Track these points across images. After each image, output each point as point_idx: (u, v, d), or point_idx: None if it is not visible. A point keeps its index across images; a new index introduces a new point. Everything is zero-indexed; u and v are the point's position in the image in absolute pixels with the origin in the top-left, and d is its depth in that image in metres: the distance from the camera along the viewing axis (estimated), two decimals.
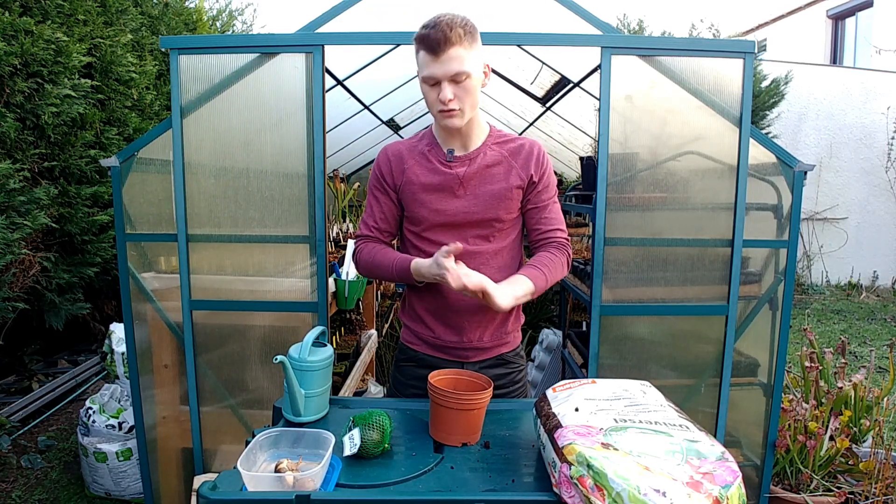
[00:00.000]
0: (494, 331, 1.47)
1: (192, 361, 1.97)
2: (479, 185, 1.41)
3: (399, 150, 1.46)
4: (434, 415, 1.16)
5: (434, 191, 1.41)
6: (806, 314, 5.68)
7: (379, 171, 1.47)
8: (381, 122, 4.59)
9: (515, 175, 1.41)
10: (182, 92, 1.86)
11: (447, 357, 1.47)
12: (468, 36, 1.27)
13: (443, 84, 1.28)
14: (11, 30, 2.50)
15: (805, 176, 1.96)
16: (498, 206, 1.41)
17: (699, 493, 0.79)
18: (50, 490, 2.63)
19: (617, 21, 6.56)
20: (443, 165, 1.41)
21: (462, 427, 1.14)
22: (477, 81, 1.33)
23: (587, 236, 4.12)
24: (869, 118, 7.20)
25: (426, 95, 1.34)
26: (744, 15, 11.65)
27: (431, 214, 1.42)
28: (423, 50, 1.27)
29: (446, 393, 1.13)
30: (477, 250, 1.42)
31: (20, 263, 2.70)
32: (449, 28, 1.24)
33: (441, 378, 1.23)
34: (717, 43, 1.95)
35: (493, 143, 1.44)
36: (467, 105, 1.32)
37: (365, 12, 1.93)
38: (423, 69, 1.30)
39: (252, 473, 0.94)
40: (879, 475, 2.07)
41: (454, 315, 1.44)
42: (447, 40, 1.24)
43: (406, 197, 1.44)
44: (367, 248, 1.48)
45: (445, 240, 1.41)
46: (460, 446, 1.14)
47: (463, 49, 1.26)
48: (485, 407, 1.16)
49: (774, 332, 2.06)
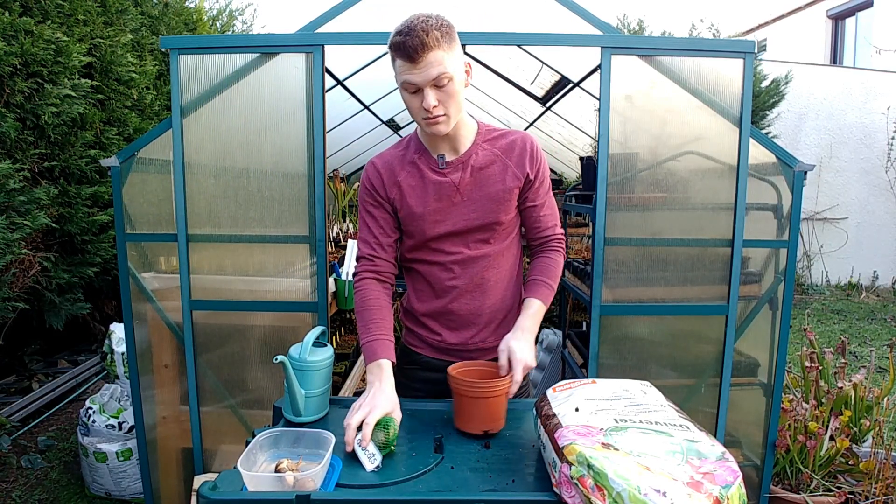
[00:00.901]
0: (498, 331, 1.45)
1: (192, 361, 1.97)
2: (476, 190, 1.37)
3: (388, 162, 1.40)
4: (456, 405, 1.20)
5: (431, 202, 1.37)
6: (806, 314, 5.68)
7: (370, 184, 1.41)
8: (381, 122, 4.60)
9: (511, 175, 1.37)
10: (182, 92, 1.86)
11: (452, 359, 1.44)
12: (446, 38, 1.19)
13: (425, 91, 1.21)
14: (11, 30, 2.50)
15: (805, 176, 1.96)
16: (498, 210, 1.38)
17: (699, 493, 0.79)
18: (50, 490, 2.63)
19: (617, 21, 6.56)
20: (435, 173, 1.37)
21: (483, 414, 1.17)
22: (460, 84, 1.26)
23: (587, 236, 4.12)
24: (869, 118, 7.19)
25: (408, 103, 1.27)
26: (744, 15, 11.65)
27: (431, 227, 1.38)
28: (400, 58, 1.20)
29: (466, 381, 1.16)
30: (481, 254, 1.40)
31: (20, 263, 2.70)
32: (425, 33, 1.16)
33: (462, 370, 1.26)
34: (717, 43, 1.95)
35: (484, 141, 1.39)
36: (452, 109, 1.26)
37: (365, 12, 1.93)
38: (401, 76, 1.22)
39: (252, 473, 0.94)
40: (879, 475, 2.07)
41: (458, 318, 1.43)
42: (424, 46, 1.16)
43: (403, 212, 1.40)
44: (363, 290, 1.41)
45: (448, 248, 1.40)
46: (482, 433, 1.17)
47: (442, 52, 1.18)
48: (505, 394, 1.19)
49: (774, 332, 2.06)
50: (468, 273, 1.40)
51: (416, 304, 1.48)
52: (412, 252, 1.44)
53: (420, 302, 1.47)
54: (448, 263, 1.40)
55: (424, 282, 1.45)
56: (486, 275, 1.41)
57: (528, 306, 1.39)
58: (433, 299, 1.44)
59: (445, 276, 1.41)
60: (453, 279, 1.41)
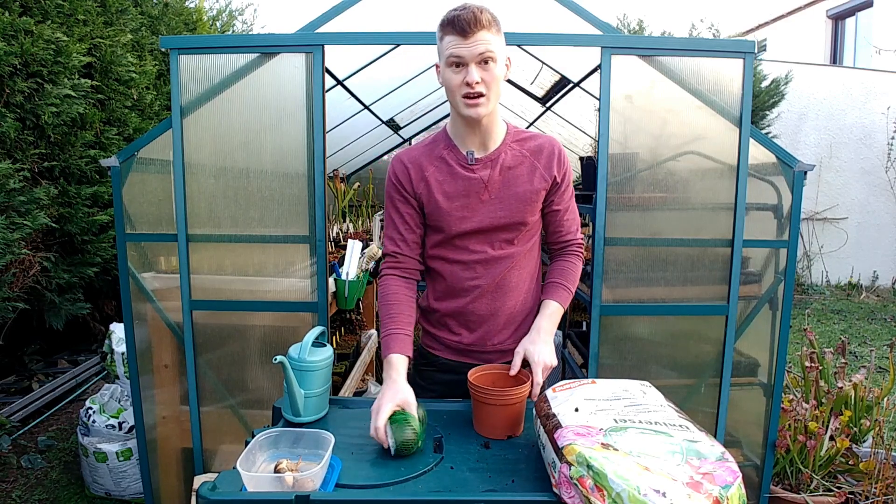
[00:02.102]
0: (517, 334, 1.46)
1: (192, 361, 1.97)
2: (504, 189, 1.38)
3: (416, 157, 1.41)
4: (477, 412, 1.21)
5: (458, 198, 1.38)
6: (806, 314, 5.68)
7: (396, 179, 1.42)
8: (381, 122, 4.59)
9: (539, 177, 1.39)
10: (182, 92, 1.86)
11: (470, 361, 1.45)
12: (496, 23, 1.27)
13: (470, 67, 1.25)
14: (11, 30, 2.50)
15: (805, 176, 1.96)
16: (524, 210, 1.38)
17: (699, 493, 0.79)
18: (50, 490, 2.63)
19: (617, 21, 6.56)
20: (465, 169, 1.38)
21: (505, 421, 1.19)
22: (501, 70, 1.30)
23: (587, 236, 4.12)
24: (869, 118, 7.19)
25: (449, 81, 1.29)
26: (744, 15, 11.65)
27: (457, 223, 1.38)
28: (452, 32, 1.25)
29: (487, 391, 1.17)
30: (504, 255, 1.41)
31: (20, 263, 2.70)
32: (479, 11, 1.24)
33: (480, 375, 1.26)
34: (717, 43, 1.95)
35: (513, 141, 1.40)
36: (492, 92, 1.29)
37: (365, 12, 1.93)
38: (448, 51, 1.27)
39: (252, 474, 0.94)
40: (879, 475, 2.07)
41: (479, 319, 1.44)
42: (478, 21, 1.23)
43: (429, 207, 1.40)
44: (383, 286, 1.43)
45: (472, 246, 1.40)
46: (506, 439, 1.19)
47: (491, 34, 1.25)
48: (524, 400, 1.21)
49: (774, 332, 2.06)
50: (491, 273, 1.41)
51: (434, 304, 1.48)
52: (436, 249, 1.44)
53: (439, 301, 1.47)
54: (471, 263, 1.41)
55: (445, 281, 1.45)
56: (508, 276, 1.42)
57: (546, 307, 1.41)
58: (453, 299, 1.44)
59: (468, 276, 1.42)
60: (475, 279, 1.41)
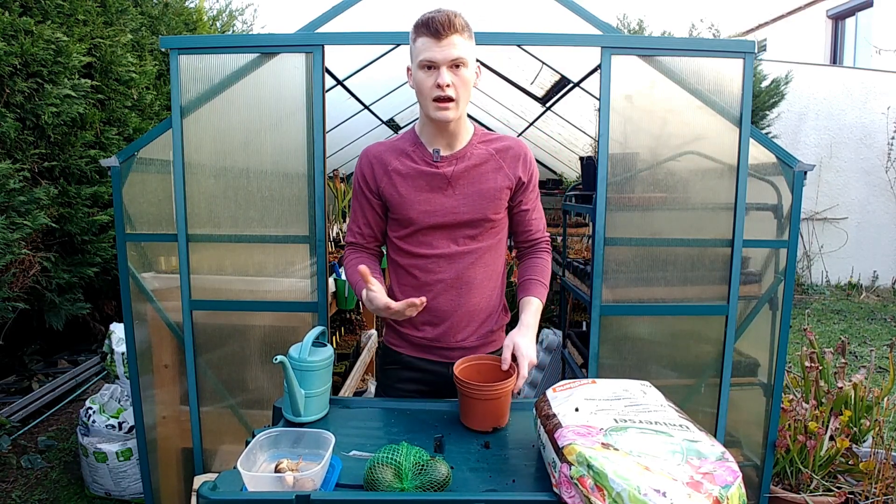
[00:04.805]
0: (480, 331, 1.48)
1: (192, 361, 1.97)
2: (468, 185, 1.40)
3: (379, 152, 1.45)
4: (463, 404, 1.23)
5: (421, 190, 1.40)
6: (806, 314, 5.68)
7: (361, 174, 1.46)
8: (381, 122, 4.60)
9: (504, 175, 1.42)
10: (182, 92, 1.86)
11: (432, 357, 1.48)
12: (468, 29, 1.31)
13: (441, 69, 1.28)
14: (11, 30, 2.50)
15: (805, 176, 1.96)
16: (487, 207, 1.41)
17: (699, 493, 0.79)
18: (50, 490, 2.63)
19: (617, 21, 6.56)
20: (429, 165, 1.40)
21: (490, 414, 1.21)
22: (471, 76, 1.34)
23: (587, 236, 4.12)
24: (869, 118, 7.19)
25: (421, 83, 1.32)
26: (744, 15, 11.65)
27: (421, 216, 1.40)
28: (426, 34, 1.28)
29: (473, 385, 1.19)
30: (467, 250, 1.43)
31: (20, 263, 2.70)
32: (453, 15, 1.28)
33: (465, 366, 1.28)
34: (717, 43, 1.95)
35: (479, 141, 1.44)
36: (462, 97, 1.32)
37: (365, 12, 1.93)
38: (421, 54, 1.29)
39: (252, 474, 0.94)
40: (879, 475, 2.07)
41: (442, 314, 1.45)
42: (452, 25, 1.26)
43: (392, 199, 1.42)
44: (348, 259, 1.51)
45: (435, 241, 1.41)
46: (491, 431, 1.21)
47: (463, 39, 1.29)
48: (509, 393, 1.23)
49: (774, 332, 2.06)
50: (454, 268, 1.43)
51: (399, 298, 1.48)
52: (400, 242, 1.46)
53: (403, 296, 1.47)
54: (434, 257, 1.43)
55: (409, 276, 1.46)
56: (471, 271, 1.44)
57: (529, 304, 1.43)
58: (417, 293, 1.44)
59: (431, 271, 1.43)
60: (439, 273, 1.43)
